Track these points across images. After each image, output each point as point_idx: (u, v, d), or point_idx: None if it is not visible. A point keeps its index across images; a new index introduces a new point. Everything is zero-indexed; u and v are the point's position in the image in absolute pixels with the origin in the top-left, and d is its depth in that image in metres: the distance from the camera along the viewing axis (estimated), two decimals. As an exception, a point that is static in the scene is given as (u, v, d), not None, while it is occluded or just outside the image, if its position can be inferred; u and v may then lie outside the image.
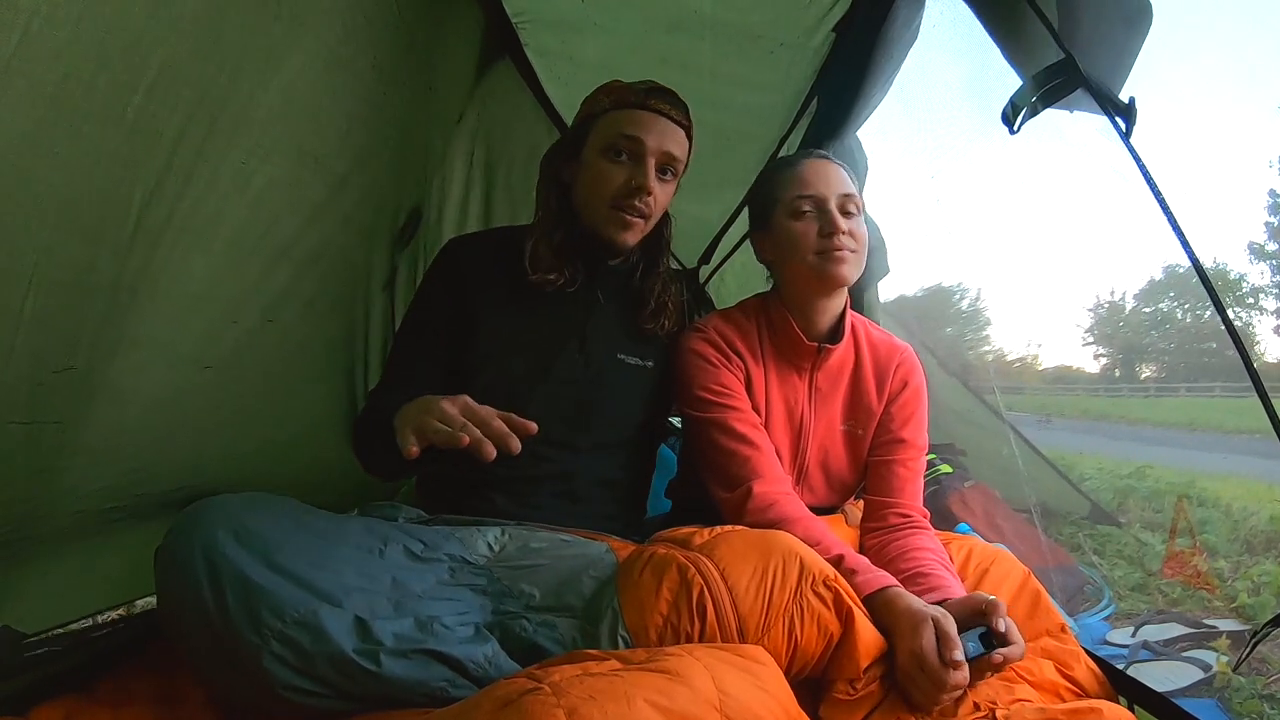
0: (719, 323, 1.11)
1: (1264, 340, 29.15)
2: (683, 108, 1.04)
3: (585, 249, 1.04)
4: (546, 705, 0.52)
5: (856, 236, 1.02)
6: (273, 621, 0.62)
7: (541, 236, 1.02)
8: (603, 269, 1.07)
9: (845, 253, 1.01)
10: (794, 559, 0.75)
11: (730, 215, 2.12)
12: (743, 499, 0.97)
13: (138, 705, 0.75)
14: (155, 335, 0.81)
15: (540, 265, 1.01)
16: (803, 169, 1.05)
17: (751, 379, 1.08)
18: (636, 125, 0.98)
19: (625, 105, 0.99)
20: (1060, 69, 0.83)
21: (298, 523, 0.71)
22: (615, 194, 0.99)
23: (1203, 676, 1.74)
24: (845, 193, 1.03)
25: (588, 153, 1.02)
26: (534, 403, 0.98)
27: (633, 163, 0.99)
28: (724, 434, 1.02)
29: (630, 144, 0.98)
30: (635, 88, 1.01)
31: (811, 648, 0.73)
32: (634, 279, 1.10)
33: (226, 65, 0.74)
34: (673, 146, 1.01)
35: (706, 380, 1.05)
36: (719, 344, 1.08)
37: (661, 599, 0.71)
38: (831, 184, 1.03)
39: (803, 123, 1.60)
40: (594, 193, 1.01)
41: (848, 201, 1.03)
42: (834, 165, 1.06)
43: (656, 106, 1.00)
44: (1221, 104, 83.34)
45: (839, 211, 1.02)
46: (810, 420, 1.11)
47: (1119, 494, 4.42)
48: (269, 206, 0.88)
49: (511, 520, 0.95)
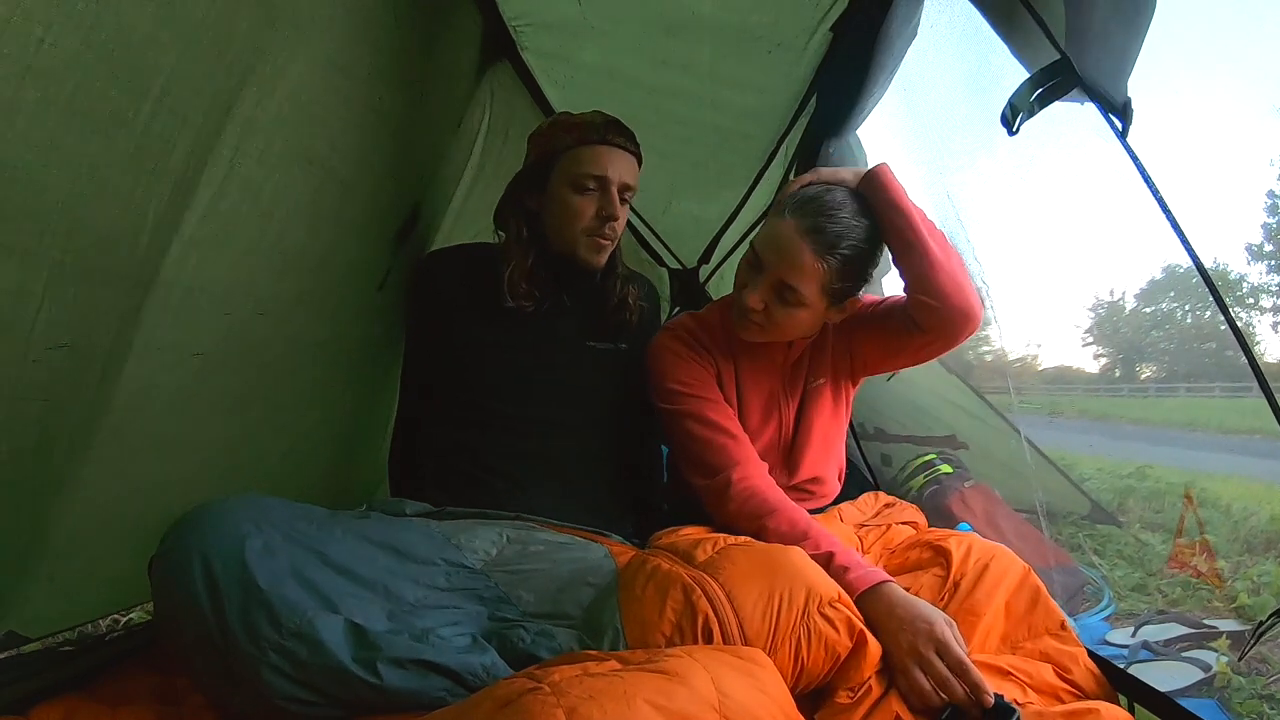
0: (688, 321, 1.15)
1: (1264, 340, 29.16)
2: (633, 137, 1.14)
3: (556, 268, 1.15)
4: (546, 705, 0.52)
5: (771, 318, 1.03)
6: (270, 633, 0.62)
7: (516, 264, 1.12)
8: (568, 281, 1.17)
9: (754, 326, 1.04)
10: (801, 581, 0.75)
11: (729, 215, 2.12)
12: (724, 486, 0.98)
13: (138, 705, 0.75)
14: (158, 330, 0.81)
15: (517, 292, 1.11)
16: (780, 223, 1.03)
17: (722, 374, 1.10)
18: (600, 162, 1.09)
19: (588, 142, 1.09)
20: (1056, 69, 0.83)
21: (293, 528, 0.71)
22: (589, 225, 1.11)
23: (1203, 676, 1.74)
24: (788, 282, 1.01)
25: (555, 186, 1.12)
26: (516, 396, 1.10)
27: (600, 194, 1.10)
28: (698, 423, 1.04)
29: (597, 180, 1.09)
30: (593, 124, 1.11)
31: (818, 669, 0.73)
32: (595, 281, 1.20)
33: (234, 71, 0.75)
34: (629, 177, 1.12)
35: (677, 373, 1.08)
36: (688, 340, 1.11)
37: (665, 619, 0.72)
38: (781, 258, 1.02)
39: (801, 121, 1.61)
40: (567, 223, 1.11)
41: (786, 291, 1.02)
42: (805, 248, 0.98)
43: (614, 141, 1.10)
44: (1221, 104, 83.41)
45: (771, 286, 1.02)
46: (782, 406, 1.13)
47: (1119, 494, 4.41)
48: (269, 209, 0.88)
49: (509, 507, 0.97)
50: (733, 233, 2.18)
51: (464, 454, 1.07)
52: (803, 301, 0.98)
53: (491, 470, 1.06)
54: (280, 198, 0.89)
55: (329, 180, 0.98)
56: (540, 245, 1.15)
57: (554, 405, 1.11)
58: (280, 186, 0.88)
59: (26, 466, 0.74)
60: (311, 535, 0.72)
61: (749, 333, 1.05)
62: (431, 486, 1.05)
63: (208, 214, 0.79)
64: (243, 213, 0.84)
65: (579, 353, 1.16)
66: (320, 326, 1.10)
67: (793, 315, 1.01)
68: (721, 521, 0.99)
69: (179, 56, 0.68)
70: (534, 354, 1.13)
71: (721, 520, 0.99)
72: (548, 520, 0.97)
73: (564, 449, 1.10)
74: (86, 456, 0.81)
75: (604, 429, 1.15)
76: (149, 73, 0.66)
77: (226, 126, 0.77)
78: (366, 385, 1.35)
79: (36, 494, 0.77)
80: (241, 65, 0.76)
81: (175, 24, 0.67)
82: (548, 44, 1.54)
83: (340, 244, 1.08)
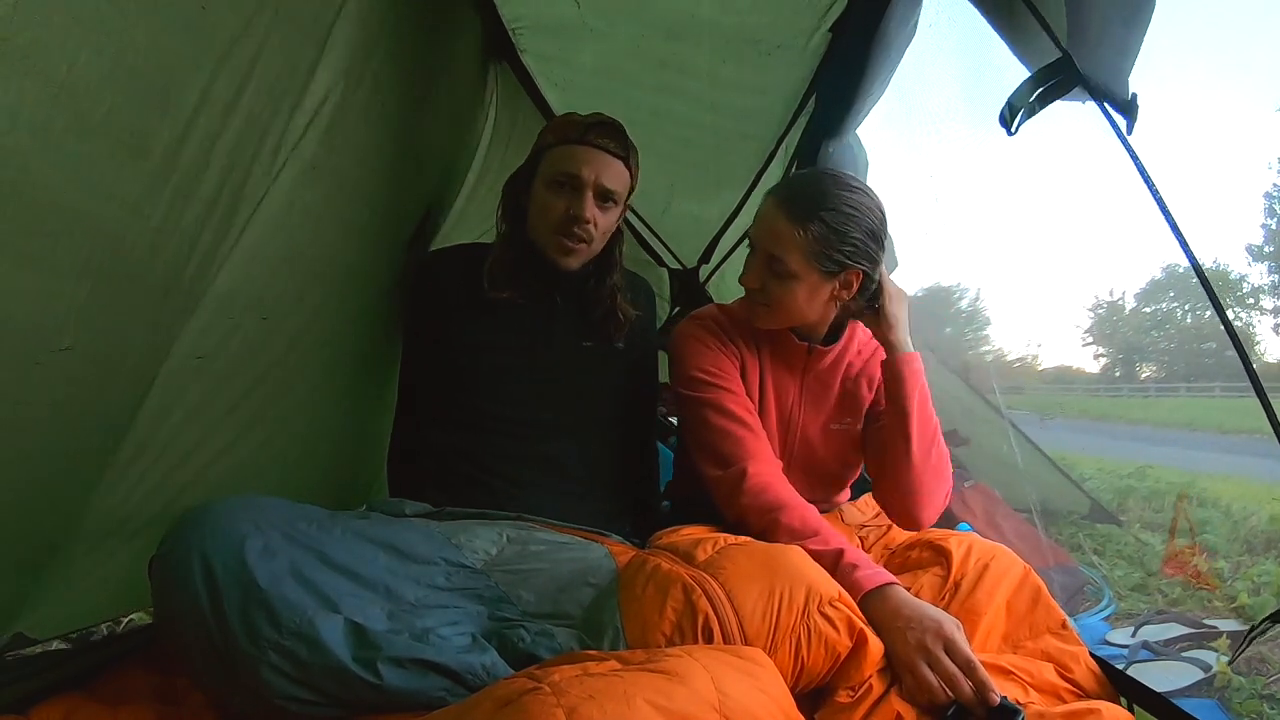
0: (718, 312, 1.14)
1: (1264, 340, 29.16)
2: (622, 140, 1.11)
3: (541, 267, 1.13)
4: (546, 705, 0.52)
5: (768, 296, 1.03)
6: (270, 633, 0.62)
7: (498, 257, 1.13)
8: (559, 277, 1.14)
9: (759, 306, 1.05)
10: (801, 580, 0.74)
11: (729, 215, 2.12)
12: (737, 479, 0.97)
13: (138, 705, 0.75)
14: (159, 332, 0.81)
15: (496, 283, 1.11)
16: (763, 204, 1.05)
17: (746, 367, 1.09)
18: (574, 161, 1.07)
19: (567, 141, 1.08)
20: (1057, 68, 0.83)
21: (292, 528, 0.71)
22: (556, 223, 1.08)
23: (1203, 676, 1.74)
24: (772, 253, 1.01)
25: (536, 183, 1.11)
26: (512, 397, 1.09)
27: (571, 194, 1.08)
28: (717, 413, 1.03)
29: (568, 179, 1.07)
30: (578, 123, 1.09)
31: (818, 668, 0.73)
32: (588, 285, 1.18)
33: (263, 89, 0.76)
34: (608, 179, 1.08)
35: (702, 361, 1.07)
36: (716, 330, 1.10)
37: (665, 619, 0.72)
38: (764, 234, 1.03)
39: (800, 122, 1.61)
40: (540, 220, 1.10)
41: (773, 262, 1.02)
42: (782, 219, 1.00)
43: (595, 142, 1.08)
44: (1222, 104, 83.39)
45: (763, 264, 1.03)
46: (800, 419, 1.12)
47: (1119, 494, 4.42)
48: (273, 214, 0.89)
49: (509, 507, 0.97)
50: (733, 233, 2.19)
51: (463, 455, 1.07)
52: (791, 272, 0.99)
53: (490, 471, 1.05)
54: (289, 205, 0.89)
55: (334, 185, 0.98)
56: (523, 242, 1.14)
57: (551, 406, 1.10)
58: (289, 194, 0.88)
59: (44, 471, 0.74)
60: (311, 535, 0.72)
61: (758, 317, 1.06)
62: (431, 487, 1.04)
63: (223, 224, 0.80)
64: (255, 220, 0.84)
65: (574, 353, 1.15)
66: (323, 328, 1.10)
67: (788, 289, 1.00)
68: (732, 515, 0.98)
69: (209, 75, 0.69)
70: (530, 355, 1.12)
71: (732, 514, 0.98)
72: (547, 520, 0.97)
73: (563, 450, 1.09)
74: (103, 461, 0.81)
75: (602, 429, 1.14)
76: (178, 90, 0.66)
77: (261, 145, 0.79)
78: (368, 386, 1.35)
79: (54, 498, 0.77)
80: (270, 80, 0.76)
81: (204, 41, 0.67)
82: (547, 46, 1.54)
83: (343, 247, 1.08)
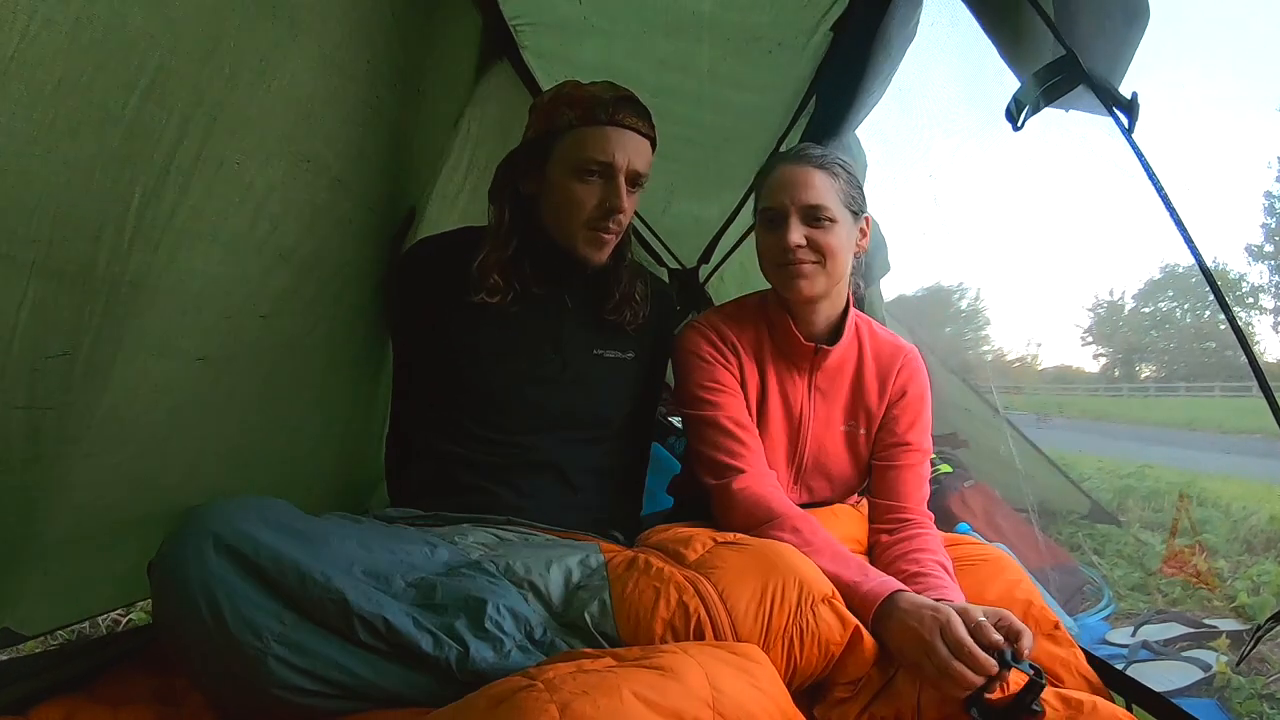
0: (717, 319, 1.12)
1: (1263, 339, 29.12)
2: (646, 117, 1.00)
3: (552, 262, 1.03)
4: (540, 701, 0.52)
5: (819, 248, 0.99)
6: (273, 624, 0.63)
7: (493, 249, 1.00)
8: (572, 274, 1.06)
9: (805, 265, 1.00)
10: (794, 577, 0.75)
11: (729, 215, 2.12)
12: (727, 490, 0.99)
13: (138, 705, 0.75)
14: (153, 331, 0.81)
15: (485, 283, 0.99)
16: (775, 175, 1.03)
17: (747, 375, 1.09)
18: (605, 147, 0.95)
19: (592, 122, 0.95)
20: (1061, 65, 0.83)
21: (292, 528, 0.71)
22: (590, 217, 0.98)
23: (1202, 676, 1.74)
24: (812, 203, 0.99)
25: (554, 171, 0.98)
26: (520, 407, 1.03)
27: (604, 183, 0.97)
28: (714, 429, 1.04)
29: (601, 166, 0.96)
30: (601, 99, 0.95)
31: (812, 666, 0.73)
32: (600, 278, 1.08)
33: (225, 67, 0.74)
34: (640, 163, 0.98)
35: (701, 377, 1.07)
36: (715, 341, 1.09)
37: (658, 618, 0.72)
38: (795, 191, 0.99)
39: (801, 121, 1.61)
40: (566, 214, 0.98)
41: (815, 210, 0.99)
42: (810, 170, 1.00)
43: (624, 122, 0.96)
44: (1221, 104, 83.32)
45: (801, 221, 0.99)
46: (809, 419, 1.11)
47: (1119, 494, 4.41)
48: (265, 207, 0.88)
49: (502, 513, 0.97)
50: (733, 233, 2.18)
51: (457, 460, 1.02)
52: (832, 217, 0.99)
53: (485, 476, 1.01)
54: (274, 196, 0.89)
55: (325, 179, 0.98)
56: (531, 235, 1.03)
57: (551, 411, 1.04)
58: (273, 185, 0.88)
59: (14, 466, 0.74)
60: (311, 534, 0.72)
61: (804, 280, 1.00)
62: (426, 492, 1.03)
63: (199, 210, 0.78)
64: (234, 210, 0.83)
65: (581, 359, 1.07)
66: (318, 326, 1.10)
67: (835, 235, 1.00)
68: (727, 525, 0.97)
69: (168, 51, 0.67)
70: (532, 358, 1.04)
71: (727, 524, 0.98)
72: (541, 525, 0.97)
73: (563, 456, 1.04)
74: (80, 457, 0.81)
75: (602, 436, 1.09)
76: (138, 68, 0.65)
77: (218, 122, 0.76)
78: (366, 386, 1.35)
79: (25, 493, 0.77)
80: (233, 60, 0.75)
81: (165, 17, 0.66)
82: (548, 43, 1.54)
83: (337, 243, 1.07)
